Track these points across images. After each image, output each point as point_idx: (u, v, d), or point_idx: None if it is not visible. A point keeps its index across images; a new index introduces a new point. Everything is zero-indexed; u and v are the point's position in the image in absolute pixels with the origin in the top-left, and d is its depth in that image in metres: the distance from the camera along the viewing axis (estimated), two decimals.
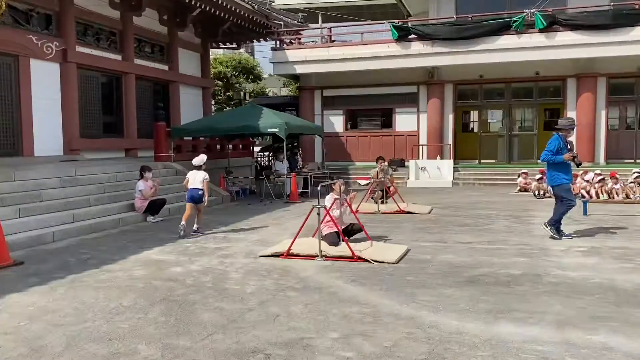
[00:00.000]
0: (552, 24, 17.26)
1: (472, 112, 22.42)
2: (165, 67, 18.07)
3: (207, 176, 9.16)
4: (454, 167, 18.41)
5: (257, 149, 23.97)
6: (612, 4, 17.31)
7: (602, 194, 13.10)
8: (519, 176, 15.74)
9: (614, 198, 12.86)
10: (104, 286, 5.82)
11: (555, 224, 8.18)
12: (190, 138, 16.17)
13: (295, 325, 4.44)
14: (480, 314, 4.63)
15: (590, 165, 17.62)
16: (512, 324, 4.34)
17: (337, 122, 21.47)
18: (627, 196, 12.96)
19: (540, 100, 19.96)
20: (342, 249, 7.11)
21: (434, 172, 18.28)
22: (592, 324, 4.31)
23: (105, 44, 15.50)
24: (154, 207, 10.86)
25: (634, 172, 13.36)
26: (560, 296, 5.11)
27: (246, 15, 17.32)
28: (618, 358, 3.65)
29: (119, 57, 15.77)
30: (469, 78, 19.87)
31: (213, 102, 29.03)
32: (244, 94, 29.68)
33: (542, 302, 4.94)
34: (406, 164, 19.54)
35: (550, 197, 13.54)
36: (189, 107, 19.12)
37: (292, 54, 20.17)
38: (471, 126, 22.77)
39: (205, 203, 9.26)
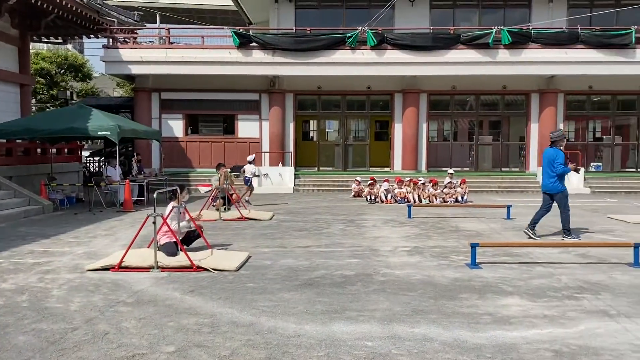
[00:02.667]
0: (382, 42, 18.71)
1: (311, 121, 23.36)
2: None
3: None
4: (295, 174, 18.93)
5: (85, 153, 22.14)
6: (431, 27, 19.35)
7: (424, 198, 14.52)
8: (353, 183, 16.72)
9: (433, 202, 14.31)
10: None
11: (569, 230, 8.83)
12: (4, 140, 14.34)
13: (126, 342, 4.16)
14: (317, 315, 4.80)
15: (414, 172, 19.42)
16: (345, 323, 4.58)
17: (176, 126, 20.76)
18: (444, 200, 14.53)
19: (371, 112, 21.46)
20: (181, 258, 6.86)
21: (276, 178, 18.61)
22: (415, 318, 4.73)
23: None
24: None
25: (447, 177, 15.02)
26: (387, 293, 5.53)
27: (73, 8, 15.90)
28: (436, 347, 4.05)
29: None
30: (308, 89, 20.64)
31: (34, 101, 26.25)
32: (71, 93, 27.17)
33: (372, 300, 5.29)
34: None
35: (379, 202, 14.67)
36: (3, 105, 16.97)
37: (126, 54, 19.04)
38: (311, 135, 23.70)
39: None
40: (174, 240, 7.20)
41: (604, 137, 22.11)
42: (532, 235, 8.88)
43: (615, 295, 5.48)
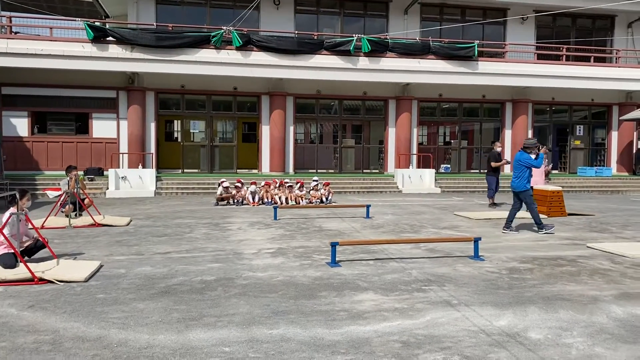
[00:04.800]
0: (248, 44, 18.65)
1: (175, 121, 22.59)
2: None
3: None
4: (156, 177, 18.13)
5: None
6: (296, 32, 19.73)
7: (291, 200, 14.74)
8: (219, 185, 16.42)
9: (299, 203, 14.58)
10: None
11: (541, 223, 9.93)
12: None
13: None
14: (172, 324, 4.61)
15: (282, 174, 19.65)
16: (202, 330, 4.46)
17: (20, 124, 18.80)
18: (310, 201, 14.88)
19: (238, 113, 21.30)
20: (21, 271, 6.21)
21: (135, 181, 17.65)
22: (274, 319, 4.75)
23: None
24: None
25: (312, 181, 15.42)
26: (248, 296, 5.50)
27: None
28: (293, 347, 4.10)
29: None
30: (171, 87, 19.92)
31: None
32: None
33: (232, 304, 5.22)
34: (105, 173, 18.41)
35: (246, 204, 14.62)
36: None
37: None
38: (175, 135, 22.91)
39: None
40: (12, 251, 6.50)
41: (452, 141, 24.30)
42: (508, 232, 9.96)
43: (457, 286, 6.00)
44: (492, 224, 11.17)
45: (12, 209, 6.83)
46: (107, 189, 17.16)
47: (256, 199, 14.79)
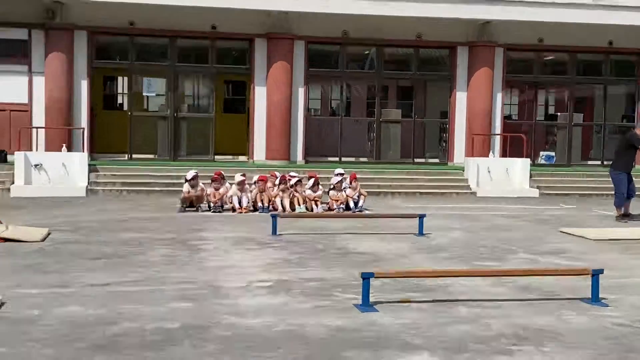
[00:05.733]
0: None
1: (119, 77, 22.79)
2: None
3: None
4: (90, 165, 18.32)
5: None
6: None
7: (299, 204, 14.77)
8: (185, 181, 16.53)
9: (312, 210, 14.61)
10: None
11: None
12: None
13: None
14: None
15: (285, 164, 19.74)
16: None
17: None
18: (329, 207, 14.90)
19: (218, 67, 21.39)
20: None
21: (57, 172, 17.87)
22: None
23: None
24: None
25: (334, 175, 15.41)
26: (233, 356, 5.51)
27: None
28: None
29: None
30: (113, 24, 20.06)
31: None
32: None
33: None
34: (9, 158, 18.65)
35: (230, 210, 14.73)
36: None
37: None
38: (119, 101, 23.13)
39: None
40: None
41: (559, 114, 24.09)
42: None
43: (565, 347, 5.96)
44: (620, 249, 11.09)
45: None
46: (13, 183, 17.41)
47: (245, 203, 14.86)
